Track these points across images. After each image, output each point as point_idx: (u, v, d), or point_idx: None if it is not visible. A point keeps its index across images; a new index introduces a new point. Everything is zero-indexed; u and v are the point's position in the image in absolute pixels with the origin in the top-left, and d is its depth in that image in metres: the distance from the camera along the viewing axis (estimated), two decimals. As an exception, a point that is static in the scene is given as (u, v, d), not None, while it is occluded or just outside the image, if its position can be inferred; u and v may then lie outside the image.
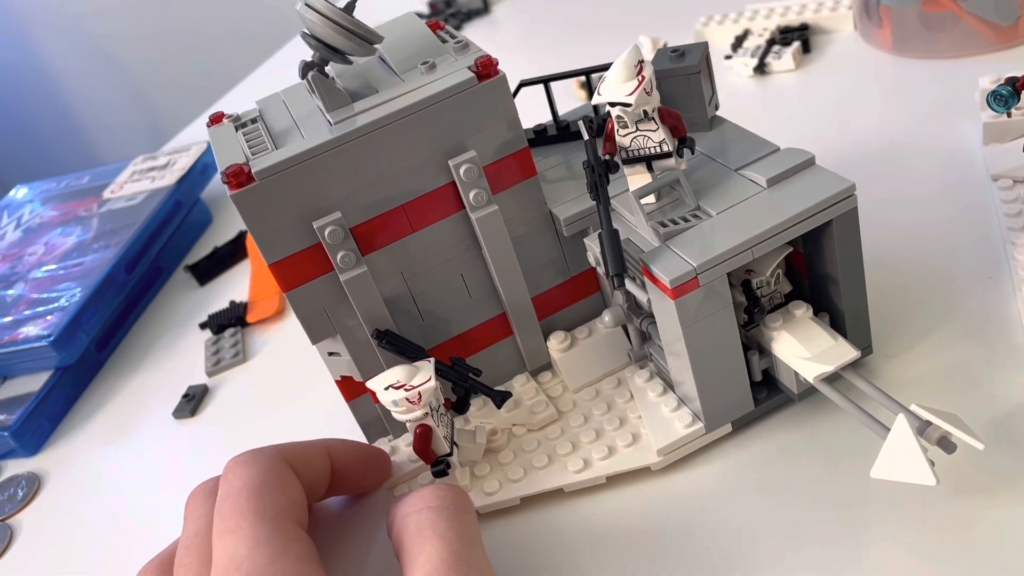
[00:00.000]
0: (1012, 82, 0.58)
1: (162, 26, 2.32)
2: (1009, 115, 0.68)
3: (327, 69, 0.55)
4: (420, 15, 0.64)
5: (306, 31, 0.52)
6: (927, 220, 0.68)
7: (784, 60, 0.92)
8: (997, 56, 0.83)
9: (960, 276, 0.62)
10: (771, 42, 0.96)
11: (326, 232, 0.52)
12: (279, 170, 0.51)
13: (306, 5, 0.51)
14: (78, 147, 2.56)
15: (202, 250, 1.01)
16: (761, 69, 0.93)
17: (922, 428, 0.47)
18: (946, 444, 0.46)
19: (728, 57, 0.97)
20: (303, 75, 0.54)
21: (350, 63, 0.55)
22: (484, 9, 1.37)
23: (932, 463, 0.45)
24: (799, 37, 0.95)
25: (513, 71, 0.64)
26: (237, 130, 0.56)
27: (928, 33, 0.86)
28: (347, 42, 0.52)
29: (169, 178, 1.03)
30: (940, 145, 0.75)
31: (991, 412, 0.52)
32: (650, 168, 0.55)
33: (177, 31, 2.31)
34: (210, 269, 0.95)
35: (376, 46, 0.55)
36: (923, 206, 0.70)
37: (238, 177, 0.50)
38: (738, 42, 0.98)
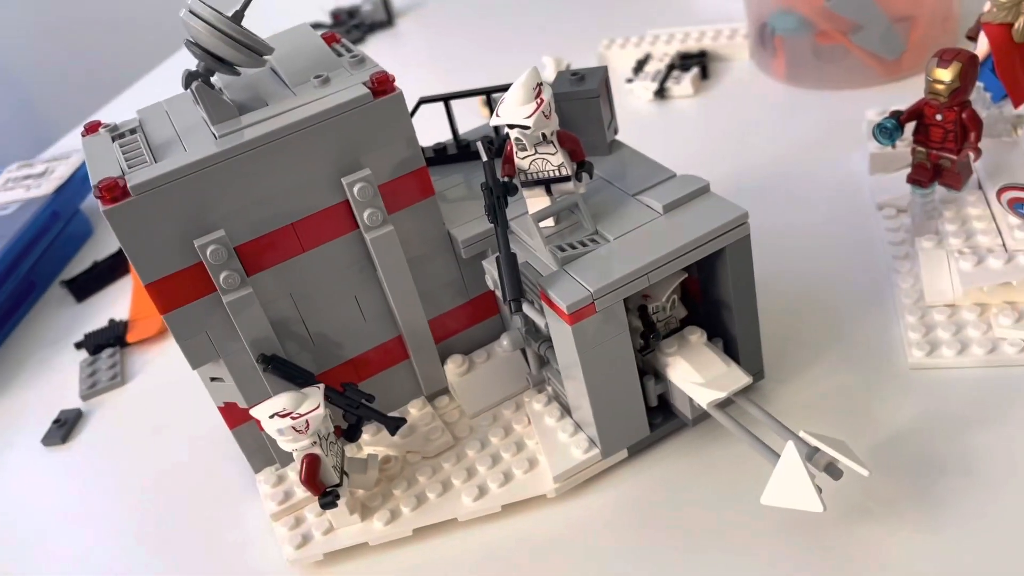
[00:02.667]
0: (896, 116, 0.60)
1: (49, 23, 2.20)
2: (894, 146, 0.71)
3: (214, 79, 0.53)
4: (320, 25, 0.62)
5: (190, 39, 0.49)
6: (816, 247, 0.70)
7: (683, 85, 0.94)
8: (883, 89, 0.86)
9: (847, 302, 0.64)
10: (671, 67, 0.97)
11: (208, 251, 0.49)
12: (158, 184, 0.48)
13: (190, 12, 0.48)
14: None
15: (80, 264, 0.95)
16: (661, 93, 0.95)
17: (810, 454, 0.47)
18: (833, 470, 0.47)
19: (629, 81, 0.98)
20: (186, 85, 0.51)
21: (237, 74, 0.52)
22: (388, 22, 1.35)
23: (820, 490, 0.46)
24: (698, 63, 0.97)
25: (416, 85, 0.62)
26: (114, 141, 0.52)
27: (820, 64, 0.89)
28: (234, 52, 0.49)
29: (46, 187, 0.97)
30: (829, 173, 0.78)
31: (875, 437, 0.54)
32: (549, 191, 0.55)
33: (65, 29, 2.19)
34: (88, 285, 0.89)
35: (266, 57, 0.53)
36: (813, 233, 0.72)
37: (112, 191, 0.47)
38: (639, 66, 0.99)
